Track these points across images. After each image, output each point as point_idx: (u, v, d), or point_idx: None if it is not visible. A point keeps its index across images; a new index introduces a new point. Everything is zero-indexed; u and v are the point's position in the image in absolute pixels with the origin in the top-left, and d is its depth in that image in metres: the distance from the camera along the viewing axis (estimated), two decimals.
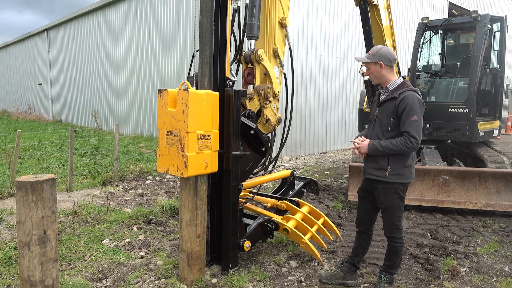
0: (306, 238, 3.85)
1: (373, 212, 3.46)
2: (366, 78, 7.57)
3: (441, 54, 8.80)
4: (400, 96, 3.10)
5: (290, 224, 3.96)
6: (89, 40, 17.72)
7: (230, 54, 3.70)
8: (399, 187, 3.18)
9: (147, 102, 14.14)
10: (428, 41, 8.14)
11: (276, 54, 4.19)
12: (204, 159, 3.31)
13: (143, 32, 14.07)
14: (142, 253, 4.15)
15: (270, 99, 4.08)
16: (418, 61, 7.82)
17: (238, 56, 4.09)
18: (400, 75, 7.95)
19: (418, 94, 3.12)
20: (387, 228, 3.29)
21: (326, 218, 4.36)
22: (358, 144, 3.25)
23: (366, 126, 7.99)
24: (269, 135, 4.12)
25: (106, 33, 16.36)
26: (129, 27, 14.83)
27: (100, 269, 3.76)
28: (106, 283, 3.52)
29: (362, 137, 3.34)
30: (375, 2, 6.60)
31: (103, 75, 16.89)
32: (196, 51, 3.68)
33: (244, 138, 3.74)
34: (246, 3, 4.00)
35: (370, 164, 3.27)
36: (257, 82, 4.05)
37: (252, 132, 3.77)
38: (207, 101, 3.28)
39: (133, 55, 14.70)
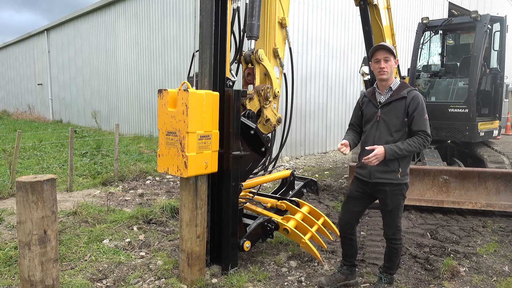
0: (306, 238, 3.85)
1: (362, 214, 3.45)
2: (366, 78, 7.58)
3: (441, 54, 8.81)
4: (410, 95, 3.09)
5: (290, 224, 3.96)
6: (89, 40, 17.72)
7: (230, 54, 3.70)
8: (404, 187, 3.19)
9: (147, 103, 14.14)
10: (428, 41, 8.15)
11: (276, 54, 4.19)
12: (204, 159, 3.32)
13: (143, 32, 14.08)
14: (142, 253, 4.16)
15: (270, 99, 4.09)
16: (418, 61, 7.83)
17: (238, 56, 4.09)
18: (400, 75, 7.97)
19: None
20: (389, 230, 3.25)
21: (326, 218, 4.36)
22: (374, 156, 2.97)
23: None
24: (269, 135, 4.12)
25: (106, 33, 16.36)
26: (129, 28, 14.84)
27: (100, 269, 3.76)
28: (106, 283, 3.53)
29: (371, 147, 3.05)
30: (375, 2, 6.60)
31: (103, 76, 16.89)
32: (196, 51, 3.69)
33: (244, 138, 3.74)
34: (246, 3, 4.00)
35: (378, 168, 3.10)
36: (257, 82, 4.05)
37: (252, 132, 3.77)
38: (207, 101, 3.28)
39: (133, 56, 14.70)
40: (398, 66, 7.78)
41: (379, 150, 2.98)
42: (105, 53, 16.56)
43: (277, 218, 4.06)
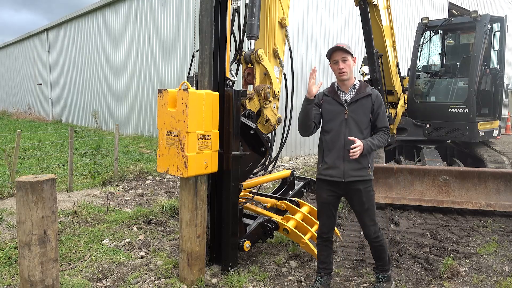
0: (306, 238, 3.85)
1: (336, 216, 3.39)
2: (366, 78, 7.57)
3: (441, 54, 8.80)
4: (373, 93, 3.17)
5: (290, 224, 3.96)
6: (89, 40, 17.72)
7: (230, 54, 3.70)
8: (373, 183, 3.22)
9: (147, 104, 14.13)
10: (428, 41, 8.15)
11: (276, 54, 4.19)
12: (204, 159, 3.32)
13: (143, 33, 14.07)
14: (142, 253, 4.16)
15: (270, 99, 4.09)
16: (418, 61, 7.83)
17: (238, 56, 4.09)
18: (400, 75, 7.96)
19: None
20: (370, 230, 3.19)
21: None
22: (357, 147, 2.96)
23: None
24: (269, 135, 4.12)
25: (106, 34, 16.36)
26: (129, 29, 14.83)
27: (100, 269, 3.76)
28: (106, 283, 3.53)
29: (353, 138, 3.01)
30: (375, 2, 6.61)
31: (103, 77, 16.88)
32: (196, 51, 3.69)
33: (244, 138, 3.74)
34: (246, 3, 4.00)
35: (350, 166, 3.07)
36: (257, 82, 4.05)
37: (252, 132, 3.77)
38: (207, 101, 3.28)
39: (133, 57, 14.70)
40: (398, 66, 7.79)
41: (360, 142, 3.00)
42: (105, 54, 16.56)
43: (277, 218, 4.06)
